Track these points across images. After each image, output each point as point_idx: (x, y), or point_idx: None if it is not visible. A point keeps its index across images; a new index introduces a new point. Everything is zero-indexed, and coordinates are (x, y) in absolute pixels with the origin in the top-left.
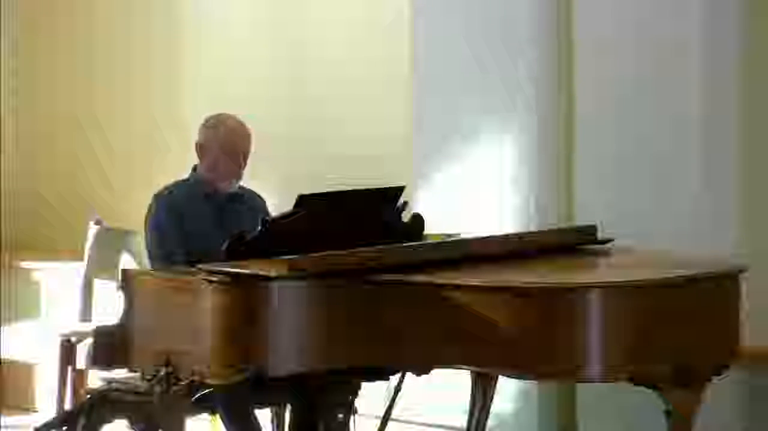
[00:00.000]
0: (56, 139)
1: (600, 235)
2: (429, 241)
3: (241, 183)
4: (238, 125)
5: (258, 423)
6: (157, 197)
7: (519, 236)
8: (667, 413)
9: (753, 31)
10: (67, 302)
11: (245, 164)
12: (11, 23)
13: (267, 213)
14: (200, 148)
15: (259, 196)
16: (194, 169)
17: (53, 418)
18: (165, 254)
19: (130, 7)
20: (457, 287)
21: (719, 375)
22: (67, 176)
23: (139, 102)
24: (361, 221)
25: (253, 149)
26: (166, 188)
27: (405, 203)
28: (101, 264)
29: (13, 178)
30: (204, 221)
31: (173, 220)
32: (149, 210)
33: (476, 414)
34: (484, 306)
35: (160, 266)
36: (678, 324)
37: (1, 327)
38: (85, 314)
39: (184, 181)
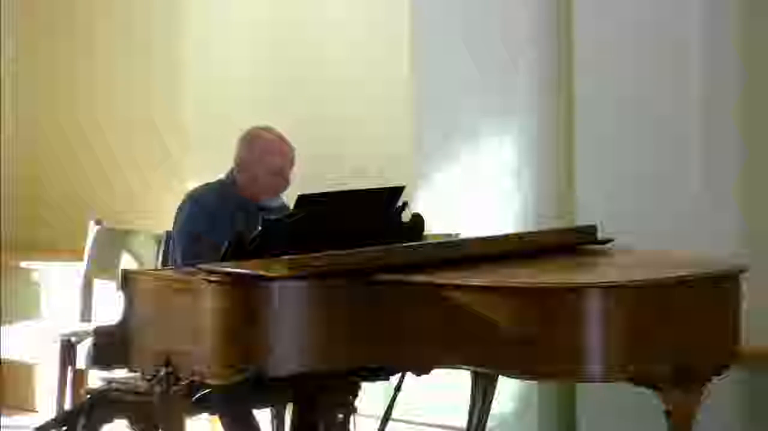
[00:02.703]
0: (57, 139)
1: (600, 235)
2: (429, 241)
3: None
4: (278, 139)
5: (257, 424)
6: (192, 196)
7: (519, 236)
8: (667, 413)
9: (753, 31)
10: (67, 302)
11: (290, 177)
12: (11, 24)
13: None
14: (241, 163)
15: (282, 198)
16: (231, 172)
17: (53, 418)
18: (195, 253)
19: (130, 8)
20: (457, 287)
21: (719, 375)
22: (68, 176)
23: (140, 103)
24: (361, 221)
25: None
26: (198, 190)
27: (405, 203)
28: (101, 264)
29: (13, 178)
30: (235, 226)
31: (206, 223)
32: (181, 209)
33: (476, 414)
34: (484, 306)
35: (187, 265)
36: (678, 324)
37: (1, 327)
38: (85, 314)
39: (216, 184)
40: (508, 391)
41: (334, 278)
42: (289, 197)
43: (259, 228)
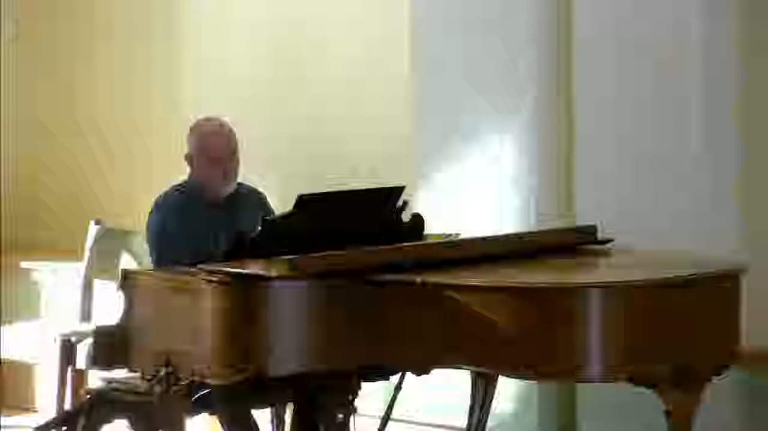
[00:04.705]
0: (56, 140)
1: (600, 235)
2: (429, 241)
3: (241, 181)
4: (215, 128)
5: (256, 424)
6: (157, 203)
7: (519, 236)
8: (667, 413)
9: (753, 31)
10: (67, 302)
11: (235, 163)
12: (11, 24)
13: (268, 209)
14: (188, 159)
15: (259, 192)
16: (191, 172)
17: (53, 418)
18: (170, 258)
19: (130, 8)
20: (457, 287)
21: (719, 375)
22: (67, 176)
23: (139, 103)
24: (361, 221)
25: (242, 145)
26: (165, 193)
27: (405, 203)
28: (101, 264)
29: (14, 179)
30: (205, 225)
31: (175, 224)
32: (150, 216)
33: (476, 414)
34: (484, 306)
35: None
36: (678, 324)
37: (1, 327)
38: (85, 314)
39: (181, 186)
40: (508, 391)
41: (334, 278)
42: (288, 197)
43: (259, 228)
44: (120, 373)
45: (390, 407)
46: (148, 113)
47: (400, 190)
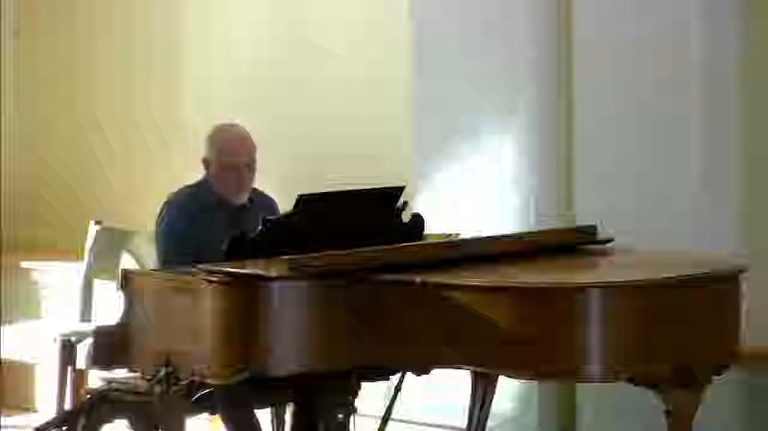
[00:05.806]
0: (57, 139)
1: (600, 235)
2: (429, 241)
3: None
4: (235, 135)
5: (258, 424)
6: (169, 202)
7: (519, 236)
8: (667, 413)
9: (753, 31)
10: (67, 302)
11: (252, 172)
12: (11, 24)
13: (278, 213)
14: (205, 162)
15: (269, 197)
16: (206, 175)
17: (53, 418)
18: (176, 259)
19: (130, 7)
20: (457, 287)
21: (719, 375)
22: (68, 176)
23: (140, 102)
24: (360, 221)
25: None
26: (177, 193)
27: (405, 203)
28: (101, 264)
29: (14, 178)
30: (216, 228)
31: (184, 224)
32: (160, 215)
33: (476, 414)
34: (484, 306)
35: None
36: (678, 324)
37: (1, 327)
38: (85, 314)
39: (194, 187)
40: (508, 391)
41: (334, 278)
42: (287, 197)
43: (260, 228)
44: (120, 373)
45: (390, 407)
46: (148, 112)
47: (400, 190)
